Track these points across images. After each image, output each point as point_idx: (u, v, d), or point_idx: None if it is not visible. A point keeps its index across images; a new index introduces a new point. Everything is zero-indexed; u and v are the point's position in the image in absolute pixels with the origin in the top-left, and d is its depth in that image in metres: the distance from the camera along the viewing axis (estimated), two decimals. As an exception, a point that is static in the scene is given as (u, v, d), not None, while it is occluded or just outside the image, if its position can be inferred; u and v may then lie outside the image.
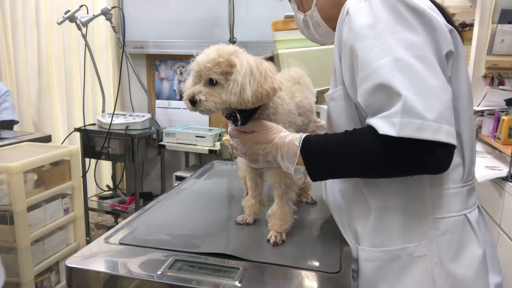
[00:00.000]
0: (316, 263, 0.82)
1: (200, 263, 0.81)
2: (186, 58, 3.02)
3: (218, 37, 2.88)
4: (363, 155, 0.69)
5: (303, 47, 2.37)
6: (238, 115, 0.84)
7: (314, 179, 0.77)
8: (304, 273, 0.78)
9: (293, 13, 2.49)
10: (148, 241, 0.89)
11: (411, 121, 0.62)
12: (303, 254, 0.86)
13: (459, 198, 0.75)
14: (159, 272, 0.77)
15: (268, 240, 0.90)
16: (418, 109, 0.62)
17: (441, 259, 0.74)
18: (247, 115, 0.85)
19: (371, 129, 0.67)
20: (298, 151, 0.77)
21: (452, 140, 0.63)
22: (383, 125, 0.64)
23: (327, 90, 2.90)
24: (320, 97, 2.76)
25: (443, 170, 0.67)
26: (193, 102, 0.79)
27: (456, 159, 0.74)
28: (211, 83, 0.80)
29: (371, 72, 0.66)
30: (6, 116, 2.68)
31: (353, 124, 0.79)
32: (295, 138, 0.79)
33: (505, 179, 1.78)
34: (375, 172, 0.72)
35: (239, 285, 0.74)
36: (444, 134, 0.62)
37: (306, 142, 0.77)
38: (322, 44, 2.57)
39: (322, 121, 1.11)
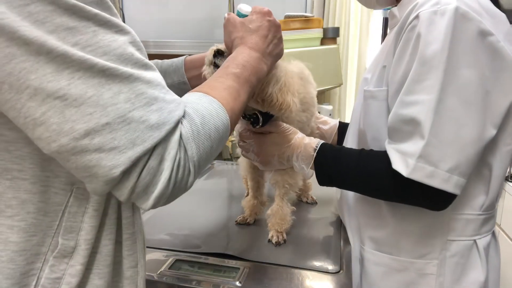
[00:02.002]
0: (317, 263, 0.82)
1: (200, 263, 0.81)
2: (186, 58, 3.02)
3: (218, 37, 2.88)
4: (371, 179, 0.74)
5: (303, 47, 2.37)
6: (260, 117, 0.84)
7: (320, 184, 0.82)
8: (304, 273, 0.78)
9: (292, 13, 2.48)
10: (148, 241, 0.89)
11: (424, 166, 0.64)
12: (303, 254, 0.86)
13: (473, 224, 0.74)
14: (159, 272, 0.77)
15: (269, 240, 0.90)
16: (435, 157, 0.64)
17: (446, 280, 0.74)
18: (267, 118, 0.85)
19: (386, 158, 0.70)
20: (315, 154, 0.80)
21: (458, 191, 0.66)
22: (398, 161, 0.67)
23: (327, 90, 2.88)
24: (320, 97, 2.76)
25: (439, 210, 0.70)
26: (219, 53, 0.76)
27: (481, 187, 0.74)
28: None
29: (412, 102, 0.66)
30: None
31: None
32: (313, 142, 0.82)
33: (505, 179, 1.78)
34: (378, 196, 0.77)
35: (239, 285, 0.74)
36: (452, 185, 0.65)
37: (322, 150, 0.80)
38: (321, 44, 2.56)
39: (324, 117, 1.12)
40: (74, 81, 0.40)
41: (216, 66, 0.76)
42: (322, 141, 0.82)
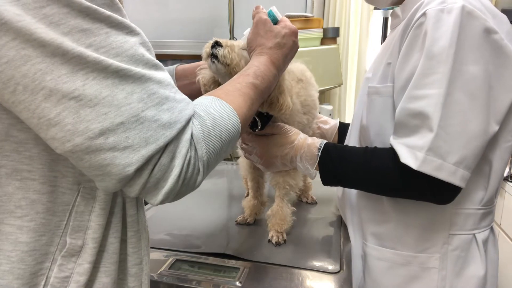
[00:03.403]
0: (317, 263, 0.82)
1: (200, 263, 0.81)
2: (186, 58, 3.02)
3: (218, 37, 2.86)
4: (378, 176, 0.74)
5: (303, 47, 2.37)
6: (258, 120, 0.84)
7: (324, 184, 0.82)
8: (304, 273, 0.78)
9: (292, 13, 2.47)
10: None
11: (433, 159, 0.65)
12: (303, 254, 0.86)
13: (472, 218, 0.76)
14: (159, 272, 0.77)
15: (270, 241, 0.90)
16: (443, 149, 0.65)
17: (448, 273, 0.76)
18: (265, 121, 0.85)
19: (393, 153, 0.70)
20: (319, 153, 0.80)
21: (463, 184, 0.67)
22: (407, 155, 0.68)
23: (327, 90, 2.88)
24: (320, 97, 2.76)
25: (444, 203, 0.71)
26: (217, 44, 0.77)
27: (481, 183, 0.75)
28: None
29: (420, 96, 0.67)
30: None
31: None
32: (316, 142, 0.82)
33: (505, 179, 1.78)
34: (384, 192, 0.77)
35: (239, 285, 0.74)
36: (458, 178, 0.66)
37: (326, 149, 0.80)
38: (321, 44, 2.56)
39: (324, 117, 1.13)
40: (89, 81, 0.41)
41: (215, 57, 0.76)
42: (325, 141, 0.82)
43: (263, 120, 0.85)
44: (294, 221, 0.95)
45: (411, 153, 0.67)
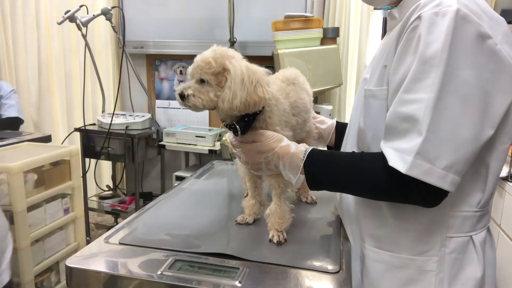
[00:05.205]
0: (316, 263, 0.82)
1: (200, 263, 0.81)
2: (186, 58, 3.02)
3: (218, 37, 2.88)
4: (365, 179, 0.74)
5: (303, 47, 2.37)
6: (237, 126, 0.86)
7: (311, 189, 0.83)
8: (304, 273, 0.78)
9: (292, 13, 2.47)
10: (148, 241, 0.89)
11: (421, 163, 0.65)
12: (303, 253, 0.86)
13: (470, 221, 0.76)
14: (159, 272, 0.77)
15: (271, 240, 0.90)
16: (432, 154, 0.65)
17: (445, 276, 0.76)
18: (245, 125, 0.87)
19: (380, 157, 0.71)
20: (302, 164, 0.80)
21: (453, 189, 0.67)
22: (395, 158, 0.67)
23: (327, 90, 2.89)
24: (320, 97, 2.76)
25: (432, 207, 0.71)
26: (182, 97, 0.83)
27: (478, 185, 0.75)
28: (202, 82, 0.83)
29: (411, 100, 0.67)
30: (11, 114, 2.70)
31: None
32: (300, 151, 0.82)
33: (505, 179, 1.78)
34: (371, 195, 0.78)
35: (239, 285, 0.74)
36: (448, 183, 0.66)
37: (310, 158, 0.80)
38: (321, 44, 2.56)
39: (322, 117, 1.14)
40: None
41: (189, 106, 0.83)
42: (310, 148, 0.82)
43: (242, 125, 0.86)
44: (294, 221, 0.95)
45: (399, 156, 0.67)
